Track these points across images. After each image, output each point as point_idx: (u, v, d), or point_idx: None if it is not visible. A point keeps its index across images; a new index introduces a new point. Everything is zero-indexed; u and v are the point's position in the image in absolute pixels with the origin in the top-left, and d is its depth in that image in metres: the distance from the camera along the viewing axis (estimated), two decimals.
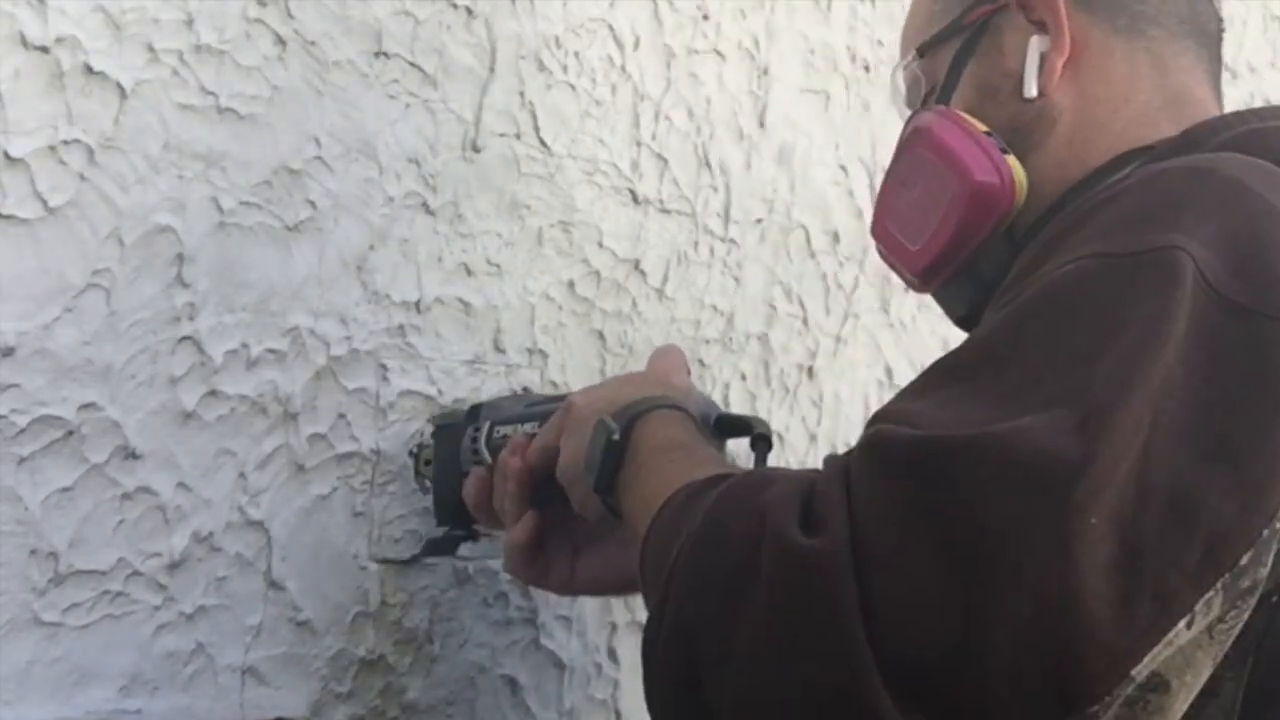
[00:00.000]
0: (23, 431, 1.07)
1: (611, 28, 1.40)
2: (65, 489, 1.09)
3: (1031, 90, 1.04)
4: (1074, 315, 0.82)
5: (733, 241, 1.52)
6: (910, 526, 0.76)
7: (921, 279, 1.09)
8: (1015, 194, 1.02)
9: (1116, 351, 0.78)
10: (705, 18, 1.48)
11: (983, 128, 1.04)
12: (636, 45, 1.42)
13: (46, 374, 1.08)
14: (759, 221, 1.54)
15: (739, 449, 1.19)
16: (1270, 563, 0.79)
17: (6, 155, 1.05)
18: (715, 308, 1.50)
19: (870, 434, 0.82)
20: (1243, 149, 0.94)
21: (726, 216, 1.51)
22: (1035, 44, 1.04)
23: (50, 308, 1.08)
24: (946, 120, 1.05)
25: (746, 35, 1.52)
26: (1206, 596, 0.77)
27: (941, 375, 0.86)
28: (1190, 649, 0.79)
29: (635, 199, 1.43)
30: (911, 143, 1.08)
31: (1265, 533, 0.78)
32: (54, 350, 1.08)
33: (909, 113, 1.13)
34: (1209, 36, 1.08)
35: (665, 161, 1.46)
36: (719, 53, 1.49)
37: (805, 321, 1.59)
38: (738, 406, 1.52)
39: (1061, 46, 1.04)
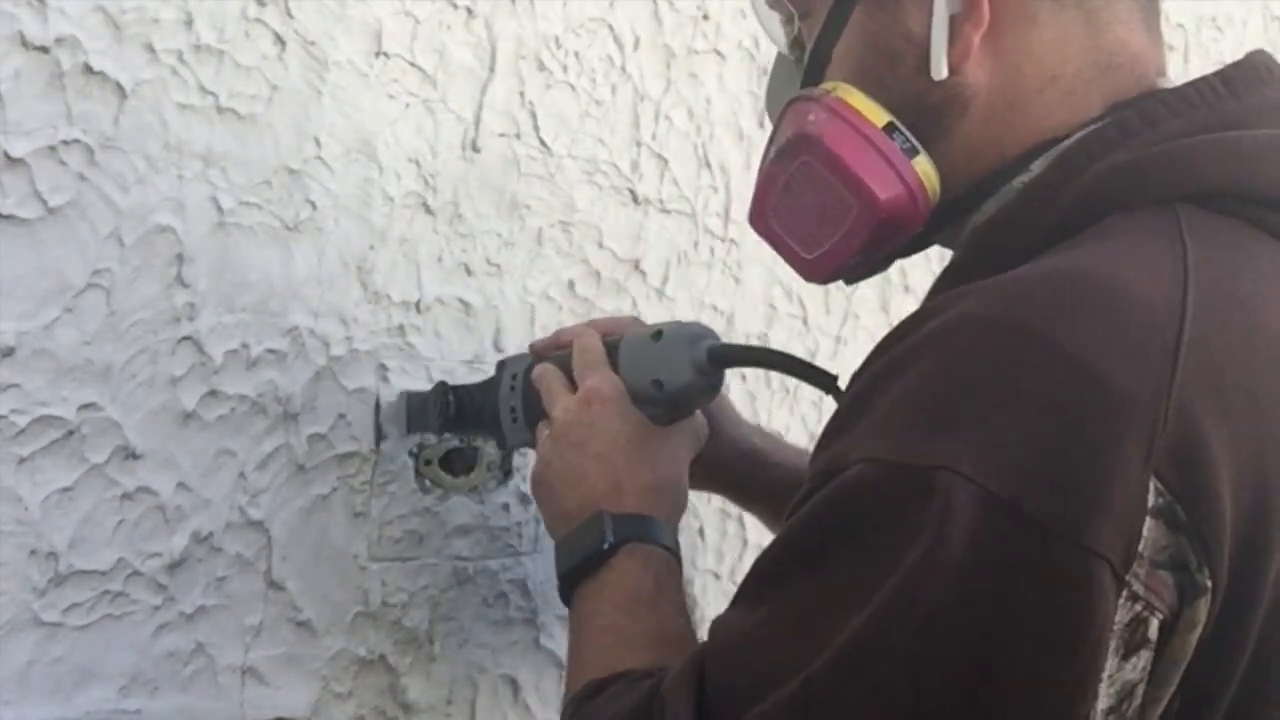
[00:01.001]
0: (23, 431, 1.07)
1: (611, 28, 1.40)
2: (65, 489, 1.09)
3: (942, 71, 0.86)
4: (848, 539, 0.75)
5: (733, 241, 1.52)
6: None
7: (820, 281, 0.98)
8: (927, 200, 0.89)
9: (879, 599, 0.72)
10: (705, 18, 1.48)
11: (882, 120, 0.88)
12: (636, 45, 1.42)
13: (47, 374, 1.08)
14: None
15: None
16: None
17: (6, 155, 1.05)
18: (715, 308, 1.50)
19: (671, 684, 0.84)
20: (1111, 191, 0.82)
21: (726, 216, 1.51)
22: (943, 6, 0.85)
23: (50, 308, 1.08)
24: (838, 122, 0.89)
25: (746, 35, 1.52)
26: None
27: (755, 583, 0.82)
28: None
29: (635, 199, 1.43)
30: (798, 149, 0.92)
31: None
32: (54, 350, 1.08)
33: (776, 27, 0.99)
34: None
35: (665, 161, 1.46)
36: (719, 53, 1.49)
37: (805, 321, 1.59)
38: (738, 406, 1.52)
39: (979, 15, 0.85)
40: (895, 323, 1.74)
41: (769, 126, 1.54)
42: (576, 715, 0.92)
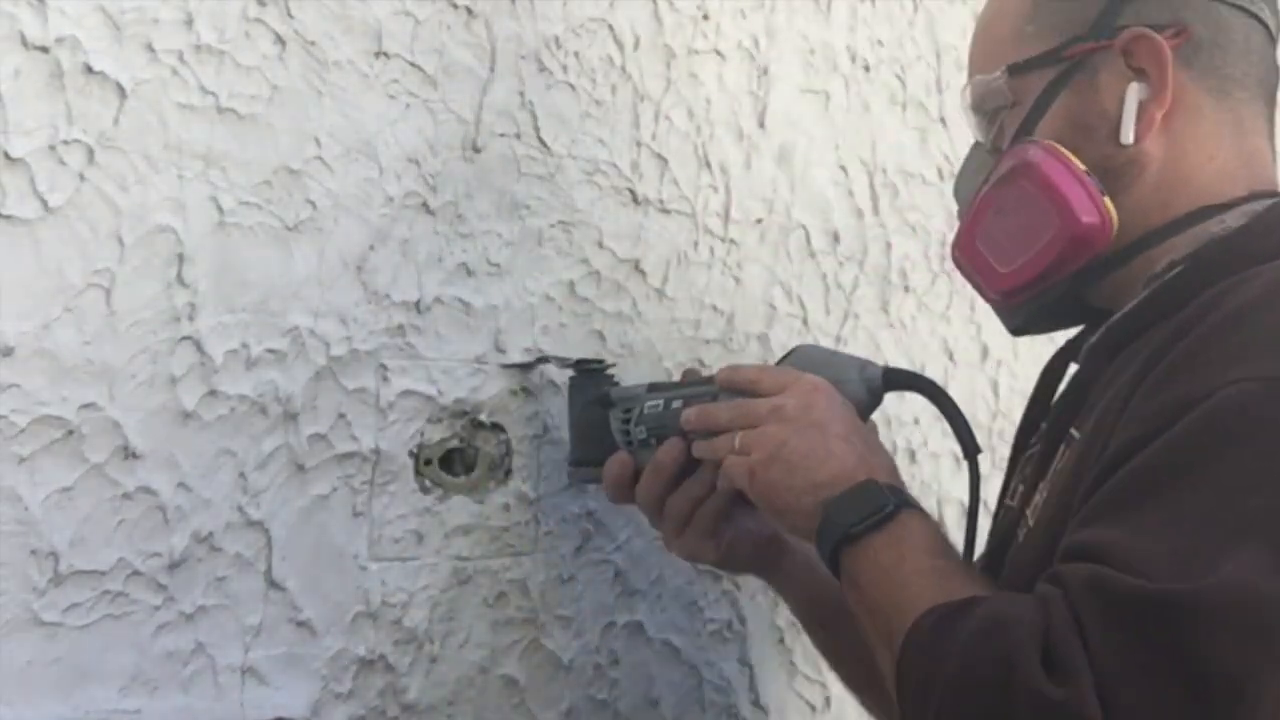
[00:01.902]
0: (23, 431, 1.07)
1: (611, 28, 1.40)
2: (65, 489, 1.09)
3: (1129, 137, 1.09)
4: (1248, 441, 0.90)
5: (733, 241, 1.52)
6: (1154, 680, 0.84)
7: (1002, 297, 1.16)
8: (1111, 233, 1.09)
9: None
10: (705, 18, 1.48)
11: (1083, 167, 1.09)
12: (636, 45, 1.42)
13: (46, 374, 1.08)
14: (759, 221, 1.54)
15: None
16: None
17: (6, 155, 1.05)
18: (715, 308, 1.50)
19: (1090, 577, 0.89)
20: None
21: (726, 216, 1.51)
22: (1134, 91, 1.10)
23: (50, 307, 1.08)
24: (1053, 158, 1.10)
25: (746, 35, 1.52)
26: None
27: (1132, 495, 0.92)
28: None
29: (635, 199, 1.43)
30: (1017, 175, 1.12)
31: None
32: (54, 350, 1.08)
33: (975, 119, 1.19)
34: (1271, 92, 1.16)
35: (665, 161, 1.46)
36: (719, 53, 1.50)
37: (805, 321, 1.59)
38: None
39: (1163, 99, 1.09)
40: (895, 323, 1.74)
41: (769, 126, 1.56)
42: (940, 626, 0.95)
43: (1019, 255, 1.12)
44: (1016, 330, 1.21)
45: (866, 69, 1.64)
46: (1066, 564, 0.91)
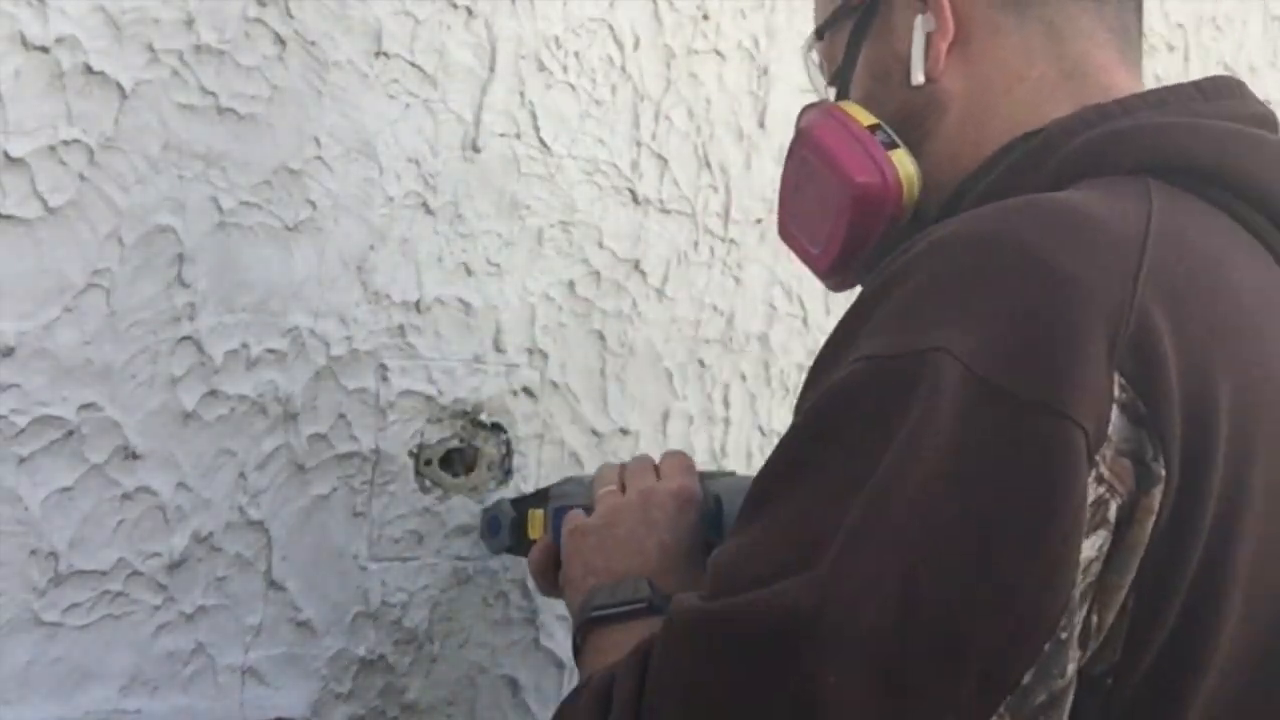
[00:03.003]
0: (23, 431, 1.07)
1: (611, 28, 1.40)
2: (65, 489, 1.09)
3: (918, 77, 0.98)
4: (839, 437, 0.79)
5: (733, 241, 1.52)
6: (684, 699, 0.77)
7: (830, 279, 1.06)
8: (903, 190, 0.98)
9: (872, 482, 0.75)
10: (705, 18, 1.48)
11: (868, 121, 0.99)
12: (636, 45, 1.42)
13: (47, 374, 1.08)
14: (759, 221, 1.54)
15: None
16: (1068, 665, 0.75)
17: (7, 155, 1.05)
18: (715, 308, 1.50)
19: (672, 605, 0.83)
20: (1089, 159, 0.89)
21: (726, 216, 1.51)
22: (919, 25, 0.98)
23: (50, 308, 1.08)
24: (827, 119, 1.01)
25: (746, 35, 1.52)
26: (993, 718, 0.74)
27: (750, 505, 0.83)
28: None
29: (635, 199, 1.43)
30: (796, 146, 1.04)
31: (1048, 646, 0.74)
32: (54, 350, 1.08)
33: (825, 91, 1.09)
34: None
35: (665, 161, 1.46)
36: (719, 53, 1.50)
37: (805, 321, 1.59)
38: (738, 407, 1.52)
39: (944, 28, 0.97)
40: None
41: (769, 126, 1.56)
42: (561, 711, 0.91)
43: (820, 231, 1.02)
44: None
45: None
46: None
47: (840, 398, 0.79)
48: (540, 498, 1.24)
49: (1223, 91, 0.95)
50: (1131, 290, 0.77)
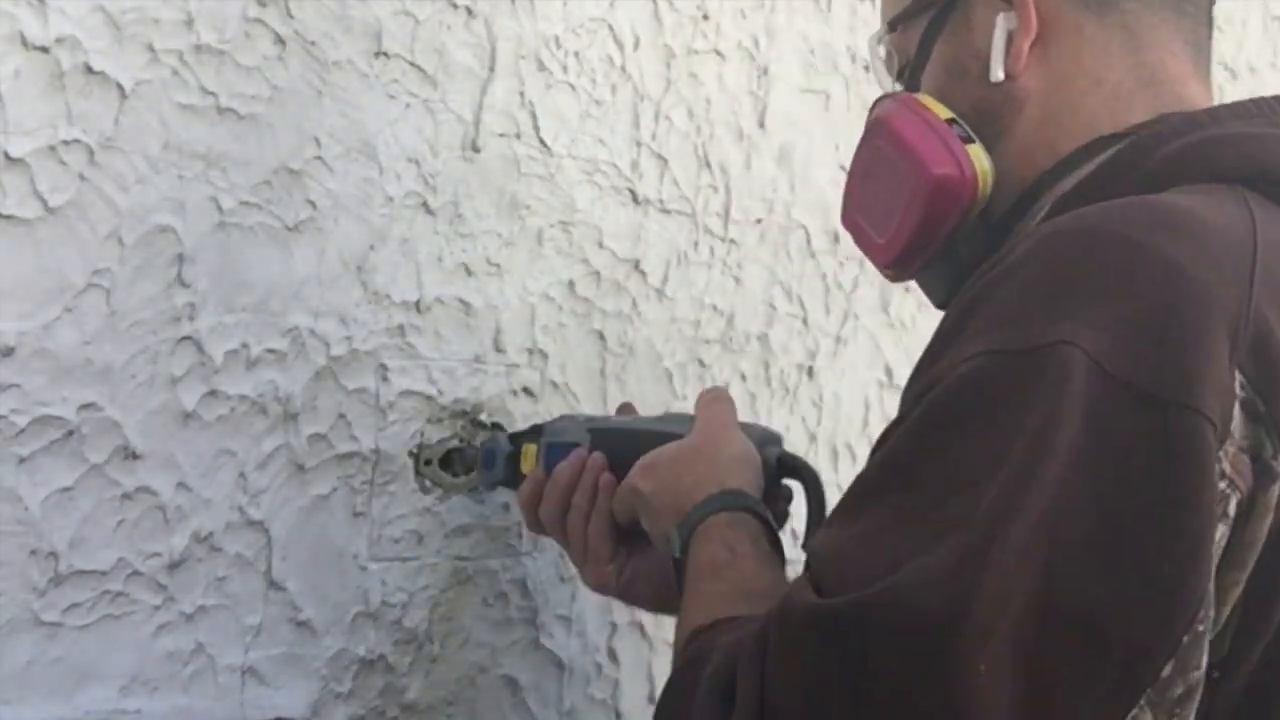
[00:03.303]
0: (23, 431, 1.07)
1: (611, 28, 1.40)
2: (65, 489, 1.09)
3: (998, 74, 0.98)
4: (965, 428, 0.79)
5: (733, 241, 1.52)
6: (813, 701, 0.77)
7: (892, 270, 1.06)
8: (978, 184, 0.98)
9: (1005, 470, 0.75)
10: (705, 18, 1.48)
11: (945, 115, 1.00)
12: (636, 45, 1.42)
13: (46, 374, 1.08)
14: (759, 221, 1.54)
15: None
16: (1203, 658, 0.76)
17: (6, 155, 1.05)
18: (715, 308, 1.50)
19: (782, 600, 0.81)
20: (1184, 165, 0.90)
21: (726, 216, 1.51)
22: (1001, 23, 0.98)
23: (50, 308, 1.08)
24: (905, 110, 1.01)
25: (746, 35, 1.52)
26: (1132, 715, 0.75)
27: (856, 498, 0.84)
28: None
29: (635, 199, 1.43)
30: (871, 134, 1.04)
31: (1186, 639, 0.75)
32: (54, 350, 1.08)
33: (888, 82, 1.10)
34: (1191, 2, 1.01)
35: (665, 161, 1.46)
36: (719, 53, 1.49)
37: (805, 321, 1.59)
38: (738, 407, 1.52)
39: (1028, 26, 0.98)
40: (895, 323, 1.74)
41: (769, 126, 1.56)
42: (687, 651, 0.91)
43: (889, 221, 1.02)
44: (942, 305, 1.05)
45: (867, 69, 1.64)
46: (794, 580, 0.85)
47: (963, 391, 0.79)
48: (535, 433, 1.26)
49: (1277, 107, 0.96)
50: (1248, 292, 0.79)
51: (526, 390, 1.35)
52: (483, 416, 1.32)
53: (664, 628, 1.45)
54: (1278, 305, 0.81)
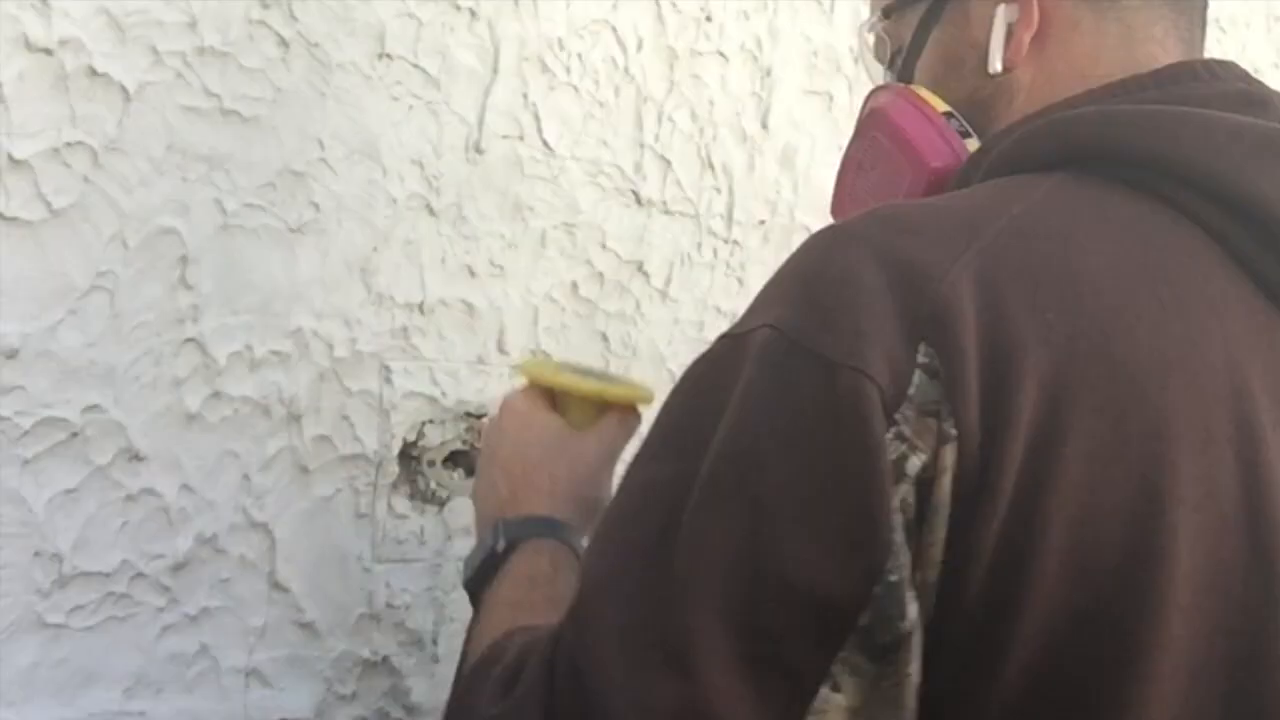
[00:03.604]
0: (27, 433, 1.07)
1: (614, 29, 1.40)
2: (69, 491, 1.09)
3: (996, 65, 0.98)
4: (687, 407, 0.86)
5: (736, 243, 1.52)
6: (579, 681, 0.81)
7: None
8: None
9: (714, 441, 0.81)
10: (708, 19, 1.48)
11: (942, 108, 1.01)
12: (639, 47, 1.42)
13: (50, 376, 1.08)
14: (762, 223, 1.54)
15: None
16: (906, 608, 0.79)
17: (10, 157, 1.05)
18: (718, 309, 1.50)
19: (568, 614, 0.86)
20: (1016, 154, 0.92)
21: (730, 218, 1.51)
22: (1002, 14, 0.98)
23: (54, 310, 1.08)
24: (902, 101, 1.02)
25: (749, 37, 1.52)
26: (840, 657, 0.78)
27: (629, 470, 0.89)
28: (866, 712, 0.79)
29: (638, 200, 1.43)
30: (867, 125, 1.05)
31: (877, 589, 0.78)
32: (58, 352, 1.08)
33: (877, 68, 1.10)
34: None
35: (668, 163, 1.46)
36: (722, 54, 1.50)
37: None
38: None
39: (1029, 19, 0.98)
40: None
41: (772, 127, 1.56)
42: (473, 677, 0.94)
43: None
44: None
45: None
46: None
47: (690, 378, 0.87)
48: None
49: (1184, 76, 0.96)
50: (946, 269, 0.82)
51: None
52: (486, 418, 1.32)
53: None
54: (992, 280, 0.83)
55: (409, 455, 1.28)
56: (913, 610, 0.79)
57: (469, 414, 1.31)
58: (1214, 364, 0.84)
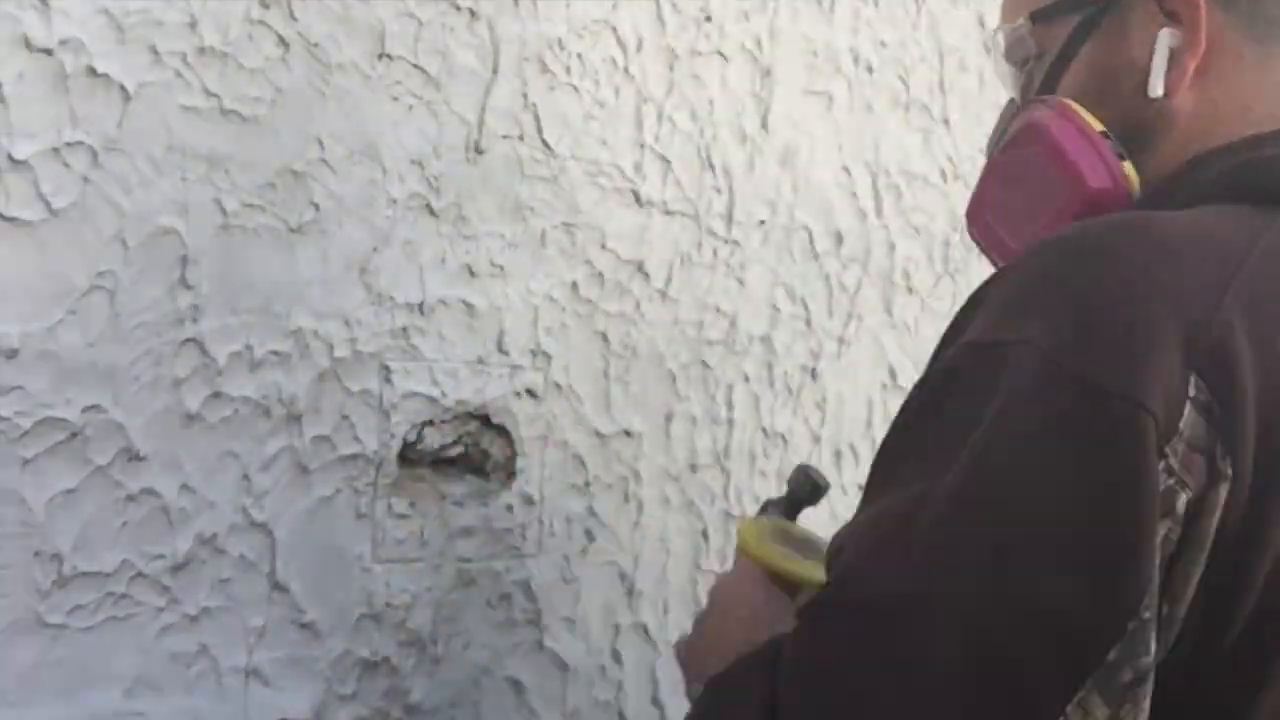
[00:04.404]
0: (26, 433, 1.07)
1: (614, 29, 1.40)
2: (69, 491, 1.09)
3: (1158, 90, 0.97)
4: (939, 411, 0.84)
5: (736, 243, 1.52)
6: (805, 689, 0.82)
7: None
8: (1129, 201, 0.98)
9: (964, 455, 0.80)
10: (708, 19, 1.48)
11: (1099, 127, 0.99)
12: (639, 47, 1.42)
13: (50, 376, 1.08)
14: (762, 223, 1.54)
15: None
16: (1151, 646, 0.78)
17: (10, 157, 1.05)
18: (718, 309, 1.50)
19: (803, 608, 0.87)
20: (1220, 186, 0.92)
21: (729, 218, 1.51)
22: (1166, 38, 0.97)
23: (54, 310, 1.08)
24: (1063, 120, 1.00)
25: (749, 37, 1.52)
26: (1078, 697, 0.77)
27: (869, 485, 0.89)
28: None
29: (638, 200, 1.43)
30: (1025, 139, 1.03)
31: (1131, 625, 0.77)
32: (58, 352, 1.08)
33: (1007, 69, 1.09)
34: None
35: (668, 163, 1.46)
36: (722, 54, 1.50)
37: (808, 323, 1.59)
38: (741, 408, 1.52)
39: (1196, 46, 0.97)
40: (898, 324, 1.74)
41: (772, 128, 1.56)
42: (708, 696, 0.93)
43: (1029, 226, 1.01)
44: None
45: (869, 70, 1.64)
46: None
47: (941, 383, 0.85)
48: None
49: None
50: (1218, 299, 0.81)
51: (530, 392, 1.35)
52: (487, 418, 1.32)
53: (667, 630, 1.45)
54: (1258, 315, 0.82)
55: (408, 456, 1.28)
56: (1155, 648, 0.78)
57: (469, 414, 1.31)
58: None
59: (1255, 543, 0.79)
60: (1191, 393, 0.79)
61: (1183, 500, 0.79)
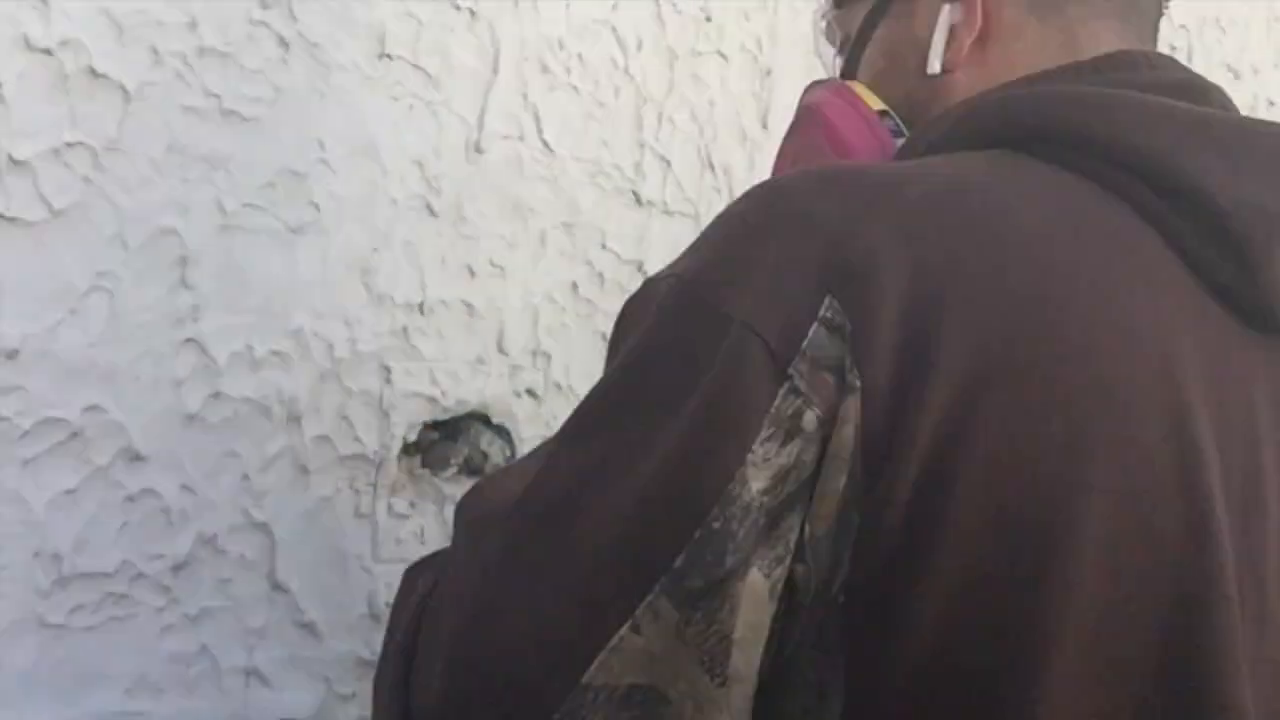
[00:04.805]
0: (27, 434, 1.07)
1: (614, 29, 1.40)
2: (69, 491, 1.09)
3: (935, 66, 0.97)
4: (614, 350, 0.88)
5: None
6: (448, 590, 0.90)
7: None
8: None
9: (602, 380, 0.85)
10: (708, 19, 1.48)
11: (878, 106, 1.00)
12: (639, 47, 1.42)
13: (50, 376, 1.08)
14: None
15: None
16: (727, 558, 0.79)
17: (11, 158, 1.05)
18: None
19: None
20: (956, 135, 0.92)
21: None
22: (946, 15, 0.97)
23: (54, 310, 1.08)
24: (838, 99, 1.01)
25: (749, 37, 1.52)
26: (647, 600, 0.78)
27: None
28: (663, 655, 0.79)
29: (638, 201, 1.43)
30: (802, 122, 1.05)
31: (699, 533, 0.78)
32: (58, 352, 1.08)
33: (829, 55, 1.10)
34: (1139, 12, 0.99)
35: (668, 163, 1.46)
36: (722, 54, 1.50)
37: None
38: None
39: (973, 22, 0.96)
40: None
41: (772, 128, 1.55)
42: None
43: None
44: None
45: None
46: None
47: (618, 315, 0.89)
48: None
49: (1123, 64, 0.94)
50: (860, 224, 0.81)
51: (530, 392, 1.35)
52: (487, 418, 1.32)
53: None
54: (916, 244, 0.82)
55: (408, 456, 1.28)
56: (730, 560, 0.79)
57: (469, 414, 1.31)
58: (1143, 334, 0.83)
59: (898, 453, 0.79)
60: (823, 313, 0.80)
61: (811, 417, 0.79)
